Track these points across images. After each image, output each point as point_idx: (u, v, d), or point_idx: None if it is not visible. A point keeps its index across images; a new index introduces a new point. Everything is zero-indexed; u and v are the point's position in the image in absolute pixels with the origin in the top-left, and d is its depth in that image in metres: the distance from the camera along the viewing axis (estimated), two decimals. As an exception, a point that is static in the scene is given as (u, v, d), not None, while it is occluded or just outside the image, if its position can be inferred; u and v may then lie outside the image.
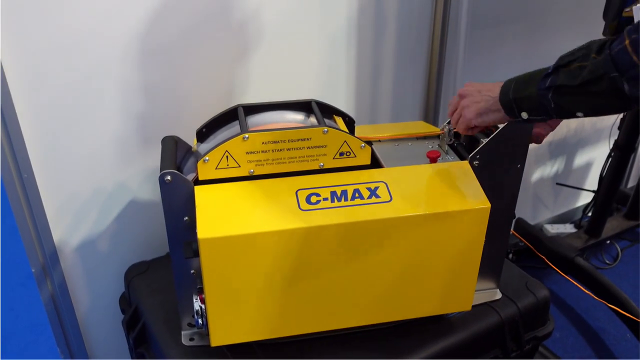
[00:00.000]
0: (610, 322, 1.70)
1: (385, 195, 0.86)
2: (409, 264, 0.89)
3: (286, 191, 0.85)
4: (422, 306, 0.96)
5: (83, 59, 0.99)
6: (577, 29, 1.66)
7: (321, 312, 0.90)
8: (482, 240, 0.91)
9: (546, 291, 1.12)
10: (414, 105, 1.50)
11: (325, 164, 0.89)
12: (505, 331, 1.07)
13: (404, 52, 1.40)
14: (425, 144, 1.03)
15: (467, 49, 1.48)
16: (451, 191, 0.89)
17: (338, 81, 1.33)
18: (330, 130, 0.86)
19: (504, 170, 0.96)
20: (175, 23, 1.06)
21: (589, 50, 0.74)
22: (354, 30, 1.29)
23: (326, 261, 0.85)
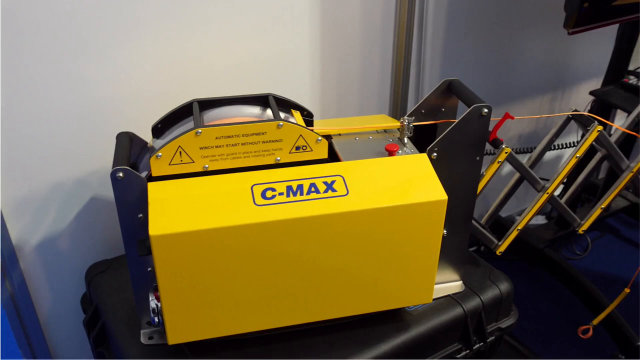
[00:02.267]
0: (579, 312, 1.72)
1: (342, 189, 0.86)
2: (367, 258, 0.89)
3: (241, 186, 0.84)
4: (382, 300, 0.96)
5: (34, 52, 0.97)
6: (542, 22, 1.67)
7: (279, 308, 0.90)
8: (440, 232, 0.91)
9: (509, 283, 1.13)
10: (382, 99, 1.50)
11: (281, 159, 0.88)
12: (468, 323, 1.07)
13: (370, 44, 1.40)
14: (386, 137, 1.02)
15: (434, 40, 1.49)
16: (408, 184, 0.88)
17: (302, 75, 1.32)
18: (285, 124, 0.85)
19: (463, 162, 0.96)
20: (130, 15, 1.04)
21: None
22: (317, 23, 1.28)
23: (283, 256, 0.85)
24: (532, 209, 1.18)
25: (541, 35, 1.71)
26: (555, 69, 1.85)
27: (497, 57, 1.66)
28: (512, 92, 1.79)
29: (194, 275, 0.82)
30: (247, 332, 0.92)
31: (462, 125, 0.92)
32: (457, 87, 1.01)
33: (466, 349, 1.09)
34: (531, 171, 1.16)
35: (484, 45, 1.62)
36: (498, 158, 1.08)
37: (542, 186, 1.17)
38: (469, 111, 0.91)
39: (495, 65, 1.68)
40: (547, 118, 1.95)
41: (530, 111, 1.87)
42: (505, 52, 1.68)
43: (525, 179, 1.17)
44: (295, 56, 1.28)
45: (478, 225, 1.17)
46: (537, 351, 1.62)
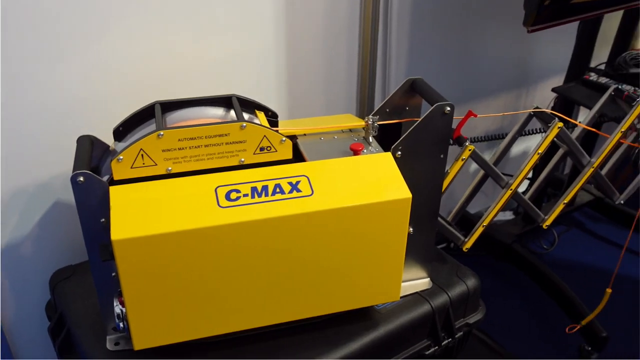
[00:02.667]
0: (547, 305, 1.75)
1: (307, 189, 0.86)
2: (334, 257, 0.89)
3: (205, 188, 0.83)
4: (350, 299, 0.96)
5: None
6: (505, 20, 1.69)
7: (247, 310, 0.89)
8: (405, 230, 0.91)
9: (476, 279, 1.15)
10: (349, 98, 1.50)
11: (245, 160, 0.88)
12: (436, 320, 1.08)
13: (336, 43, 1.40)
14: (351, 136, 1.02)
15: (400, 39, 1.50)
16: (373, 183, 0.89)
17: (268, 75, 1.32)
18: (248, 125, 0.85)
19: (427, 160, 0.97)
20: (88, 16, 1.03)
21: None
22: (281, 22, 1.28)
23: (248, 258, 0.84)
24: (496, 205, 1.19)
25: (505, 33, 1.73)
26: (519, 66, 1.88)
27: (462, 55, 1.68)
28: (477, 90, 1.81)
29: (158, 279, 0.81)
30: (215, 335, 0.91)
31: (425, 123, 0.93)
32: (420, 86, 1.02)
33: (435, 345, 1.10)
34: (494, 168, 1.17)
35: (449, 44, 1.63)
36: (462, 156, 1.09)
37: (506, 182, 1.19)
38: (431, 110, 0.92)
39: (461, 63, 1.70)
40: (512, 115, 1.98)
41: (496, 109, 1.90)
42: (469, 50, 1.70)
43: (489, 175, 1.18)
44: (260, 56, 1.28)
45: (444, 223, 1.19)
46: (506, 345, 1.65)
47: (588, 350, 1.57)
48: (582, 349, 1.59)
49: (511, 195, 1.19)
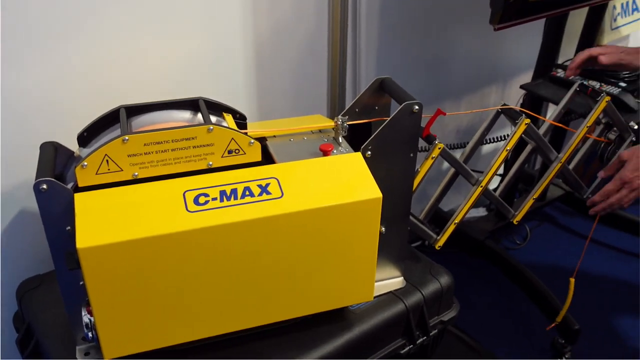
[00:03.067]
0: (521, 300, 1.77)
1: (277, 191, 0.85)
2: (306, 259, 0.88)
3: (173, 193, 0.82)
4: (322, 300, 0.95)
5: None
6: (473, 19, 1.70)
7: (219, 315, 0.88)
8: (376, 230, 0.91)
9: (449, 276, 1.15)
10: (319, 98, 1.50)
11: (213, 163, 0.87)
12: (410, 318, 1.08)
13: (305, 44, 1.40)
14: (321, 137, 1.02)
15: (369, 38, 1.50)
16: (343, 183, 0.88)
17: (237, 77, 1.31)
18: (215, 128, 0.84)
19: (397, 159, 0.97)
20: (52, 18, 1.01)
21: None
22: (249, 24, 1.27)
23: (219, 263, 0.83)
24: (467, 202, 1.20)
25: (473, 32, 1.74)
26: (488, 64, 1.90)
27: (432, 54, 1.69)
28: (447, 89, 1.82)
29: (126, 287, 0.79)
30: (187, 342, 0.90)
31: (394, 122, 0.93)
32: (388, 85, 1.02)
33: (410, 344, 1.10)
34: (464, 165, 1.18)
35: (419, 43, 1.64)
36: (432, 154, 1.09)
37: (476, 180, 1.19)
38: (400, 109, 0.92)
39: (430, 62, 1.71)
40: (482, 112, 2.00)
41: (466, 106, 1.92)
42: (439, 48, 1.71)
43: (460, 173, 1.19)
44: (228, 58, 1.27)
45: (416, 221, 1.19)
46: (482, 340, 1.66)
47: (562, 344, 1.59)
48: (555, 342, 1.61)
49: (481, 192, 1.20)
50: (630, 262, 1.98)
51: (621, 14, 2.11)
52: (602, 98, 1.22)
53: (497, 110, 1.24)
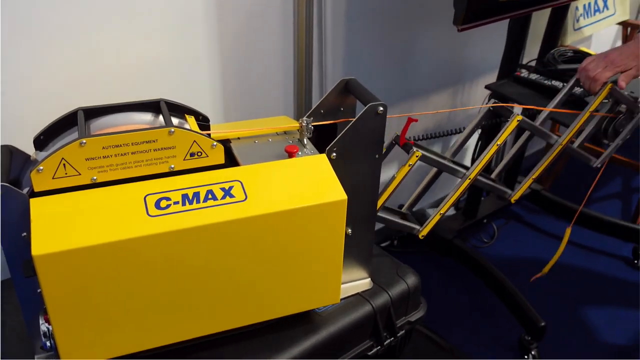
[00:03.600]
0: (487, 298, 1.79)
1: (240, 194, 0.84)
2: (271, 262, 0.88)
3: (133, 197, 0.80)
4: (289, 303, 0.94)
5: None
6: (439, 19, 1.71)
7: (183, 321, 0.87)
8: (342, 232, 0.90)
9: (416, 277, 1.15)
10: (286, 100, 1.49)
11: (175, 166, 0.85)
12: (377, 320, 1.08)
13: (271, 46, 1.38)
14: (286, 139, 1.01)
15: (335, 39, 1.49)
16: (308, 185, 0.88)
17: (202, 79, 1.29)
18: (177, 130, 0.82)
19: (363, 161, 0.97)
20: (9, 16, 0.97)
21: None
22: (214, 25, 1.25)
23: (182, 268, 0.81)
24: (454, 193, 1.21)
25: (439, 33, 1.75)
26: (454, 64, 1.91)
27: (399, 55, 1.69)
28: (415, 88, 1.83)
29: (85, 294, 0.77)
30: (151, 348, 0.88)
31: (359, 124, 0.93)
32: (353, 86, 1.01)
33: (377, 345, 1.10)
34: (449, 164, 1.20)
35: (385, 44, 1.64)
36: (409, 162, 1.11)
37: (463, 174, 1.21)
38: (364, 110, 0.92)
39: (397, 62, 1.71)
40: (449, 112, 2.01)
41: (434, 106, 1.93)
42: (405, 49, 1.71)
43: (445, 172, 1.21)
44: (192, 59, 1.25)
45: (397, 218, 1.20)
46: (450, 338, 1.67)
47: (528, 340, 1.61)
48: (522, 338, 1.63)
49: (470, 183, 1.21)
50: (596, 259, 2.02)
51: (583, 15, 2.15)
52: (606, 85, 1.28)
53: (488, 108, 1.26)
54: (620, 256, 2.03)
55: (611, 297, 1.86)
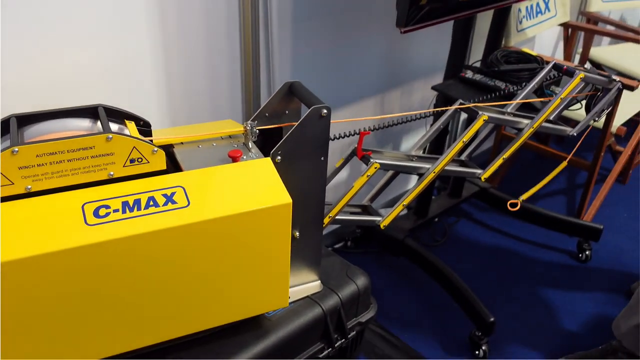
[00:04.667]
0: (439, 295, 1.81)
1: (183, 200, 0.82)
2: (217, 268, 0.86)
3: (70, 206, 0.78)
4: (237, 309, 0.93)
5: None
6: (382, 20, 1.73)
7: (129, 330, 0.85)
8: (288, 236, 0.90)
9: (366, 277, 1.16)
10: (234, 103, 1.47)
11: (114, 173, 0.83)
12: (328, 322, 1.08)
13: (216, 49, 1.37)
14: (231, 143, 1.00)
15: (282, 42, 1.49)
16: (252, 190, 0.87)
17: (146, 83, 1.26)
18: (115, 136, 0.80)
19: (308, 164, 0.96)
20: None
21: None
22: (156, 28, 1.23)
23: (125, 277, 0.80)
24: (418, 187, 1.23)
25: (386, 35, 1.77)
26: (402, 65, 1.93)
27: (346, 56, 1.70)
28: (363, 90, 1.84)
29: (22, 306, 0.74)
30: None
31: (303, 127, 0.92)
32: (297, 89, 1.01)
33: (328, 347, 1.10)
34: (410, 164, 1.22)
35: (332, 45, 1.65)
36: (367, 172, 1.13)
37: (427, 169, 1.23)
38: (308, 113, 0.92)
39: (345, 63, 1.71)
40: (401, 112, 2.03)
41: (381, 108, 1.94)
42: (354, 50, 1.72)
43: (407, 173, 1.23)
44: (135, 63, 1.22)
45: (358, 214, 1.21)
46: (403, 336, 1.69)
47: (478, 336, 1.64)
48: (472, 334, 1.66)
49: (434, 177, 1.24)
50: (543, 254, 2.07)
51: (526, 17, 2.20)
52: (578, 75, 1.33)
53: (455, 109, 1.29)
54: (565, 250, 2.09)
55: (558, 290, 1.91)
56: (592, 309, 1.84)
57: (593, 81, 1.37)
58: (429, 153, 1.79)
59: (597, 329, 1.77)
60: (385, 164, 1.17)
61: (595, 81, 1.38)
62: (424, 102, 2.08)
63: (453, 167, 1.31)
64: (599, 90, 1.42)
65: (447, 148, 1.24)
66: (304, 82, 1.07)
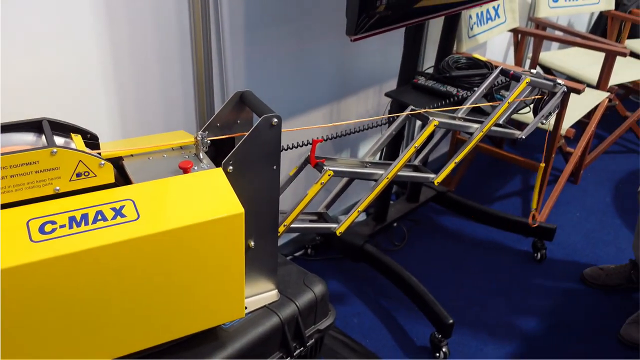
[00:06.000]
0: (399, 300, 1.83)
1: (132, 213, 0.81)
2: (169, 281, 0.85)
3: (14, 223, 0.76)
4: (192, 321, 0.92)
5: None
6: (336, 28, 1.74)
7: (79, 346, 0.83)
8: (241, 246, 0.90)
9: (323, 285, 1.16)
10: (187, 113, 1.46)
11: (60, 188, 0.81)
12: (286, 331, 1.08)
13: (168, 59, 1.36)
14: (182, 154, 0.99)
15: (235, 51, 1.48)
16: (204, 201, 0.86)
17: (96, 94, 1.24)
18: (60, 150, 0.79)
19: (261, 173, 0.96)
20: None
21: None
22: (105, 38, 1.21)
23: (72, 294, 0.78)
24: (372, 193, 1.24)
25: (339, 41, 1.78)
26: (357, 72, 1.95)
27: (300, 64, 1.71)
28: (318, 99, 1.85)
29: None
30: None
31: (254, 136, 0.92)
32: (248, 99, 1.01)
33: (287, 357, 1.10)
34: (363, 171, 1.23)
35: (286, 54, 1.65)
36: (321, 180, 1.13)
37: (380, 175, 1.23)
38: (259, 122, 0.92)
39: (299, 71, 1.72)
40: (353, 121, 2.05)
41: (338, 116, 1.95)
42: (307, 58, 1.73)
43: (361, 179, 1.24)
44: (83, 74, 1.20)
45: (313, 222, 1.21)
46: (365, 342, 1.70)
47: (439, 338, 1.66)
48: (433, 337, 1.68)
49: (388, 182, 1.25)
50: (499, 255, 2.11)
51: (477, 23, 2.25)
52: (524, 79, 1.36)
53: (406, 115, 1.31)
54: (521, 251, 2.13)
55: (515, 290, 1.95)
56: (549, 307, 1.88)
57: (539, 85, 1.41)
58: (385, 158, 1.81)
59: (554, 326, 1.81)
60: (338, 171, 1.18)
61: (541, 85, 1.41)
62: (380, 108, 2.10)
63: (406, 172, 1.32)
64: (545, 94, 1.46)
65: (402, 153, 1.26)
66: (257, 90, 1.07)
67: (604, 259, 2.10)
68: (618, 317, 1.83)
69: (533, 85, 1.40)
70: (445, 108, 1.41)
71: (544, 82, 1.42)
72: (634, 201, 2.45)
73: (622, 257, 2.11)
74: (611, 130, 2.74)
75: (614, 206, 2.43)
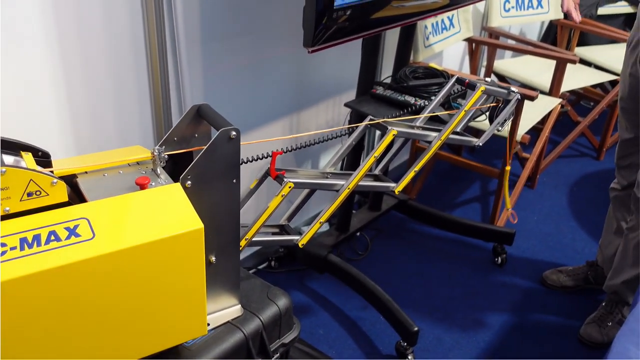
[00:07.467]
0: (364, 309, 1.83)
1: (87, 232, 0.79)
2: (127, 300, 0.83)
3: (-39, 247, 0.73)
4: (152, 341, 0.90)
5: None
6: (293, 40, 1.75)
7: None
8: (201, 261, 0.88)
9: (287, 298, 1.15)
10: (144, 128, 1.44)
11: (11, 209, 0.78)
12: (250, 346, 1.06)
13: (122, 73, 1.33)
14: (139, 169, 0.97)
15: (192, 64, 1.47)
16: (162, 217, 0.85)
17: (46, 110, 1.21)
18: (8, 169, 0.76)
19: (220, 187, 0.95)
20: None
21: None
22: (55, 50, 1.18)
23: (27, 315, 0.75)
24: (334, 204, 1.24)
25: (297, 53, 1.79)
26: (316, 84, 1.95)
27: (258, 76, 1.70)
28: (276, 111, 1.84)
29: None
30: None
31: (212, 150, 0.91)
32: (205, 112, 1.00)
33: (252, 372, 1.08)
34: (324, 182, 1.23)
35: (244, 67, 1.64)
36: (282, 192, 1.13)
37: (341, 185, 1.23)
38: (216, 135, 0.91)
39: (258, 84, 1.71)
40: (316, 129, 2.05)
41: (297, 127, 1.95)
42: (265, 70, 1.72)
43: (322, 190, 1.23)
44: (33, 89, 1.17)
45: (275, 234, 1.20)
46: (331, 352, 1.69)
47: (404, 346, 1.67)
48: (398, 345, 1.68)
49: (349, 193, 1.25)
50: (461, 261, 2.14)
51: (432, 33, 2.29)
52: (479, 88, 1.38)
53: (366, 125, 1.32)
54: (482, 256, 2.17)
55: (478, 295, 1.98)
56: (511, 311, 1.91)
57: (493, 93, 1.44)
58: (346, 168, 1.82)
59: (517, 328, 1.84)
60: (299, 182, 1.17)
61: (495, 93, 1.44)
62: (340, 118, 2.11)
63: (367, 182, 1.33)
64: (500, 101, 1.48)
65: (362, 163, 1.26)
66: (216, 103, 1.06)
67: (562, 261, 2.15)
68: (578, 317, 1.88)
69: (488, 93, 1.43)
70: (404, 117, 1.43)
71: (499, 90, 1.45)
72: (589, 204, 2.52)
73: (579, 258, 2.16)
74: (564, 135, 2.82)
75: (569, 209, 2.49)
